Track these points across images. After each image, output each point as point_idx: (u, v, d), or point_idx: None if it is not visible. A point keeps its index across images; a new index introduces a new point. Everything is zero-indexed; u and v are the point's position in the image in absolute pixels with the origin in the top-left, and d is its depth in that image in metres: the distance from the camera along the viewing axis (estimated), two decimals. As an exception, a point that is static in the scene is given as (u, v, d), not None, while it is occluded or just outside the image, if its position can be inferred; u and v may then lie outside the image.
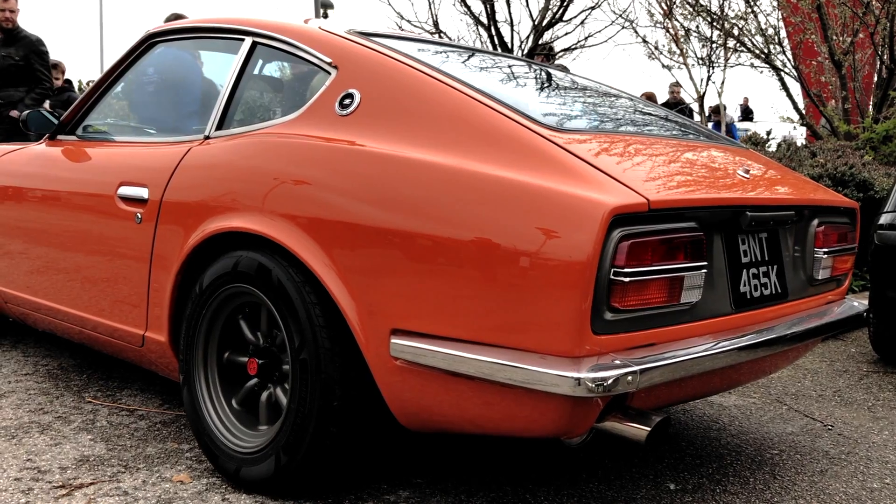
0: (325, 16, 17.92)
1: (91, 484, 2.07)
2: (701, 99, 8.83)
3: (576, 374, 1.53)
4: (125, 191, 2.37)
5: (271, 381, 2.09)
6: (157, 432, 2.47)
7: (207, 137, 2.30)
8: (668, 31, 8.99)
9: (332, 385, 1.88)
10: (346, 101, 2.05)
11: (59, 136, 2.91)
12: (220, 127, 2.30)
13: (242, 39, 2.39)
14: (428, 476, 2.21)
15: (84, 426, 2.50)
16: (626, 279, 1.57)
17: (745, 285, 1.97)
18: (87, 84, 17.24)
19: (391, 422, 1.93)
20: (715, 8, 8.70)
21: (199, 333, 2.17)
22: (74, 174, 2.68)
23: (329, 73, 2.14)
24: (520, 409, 1.70)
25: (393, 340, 1.77)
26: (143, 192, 2.31)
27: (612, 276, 1.56)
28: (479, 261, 1.67)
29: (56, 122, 2.93)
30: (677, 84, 9.18)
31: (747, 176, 2.09)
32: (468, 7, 8.57)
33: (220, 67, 2.81)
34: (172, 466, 2.20)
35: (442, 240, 1.72)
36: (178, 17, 6.76)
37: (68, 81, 6.18)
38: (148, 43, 2.71)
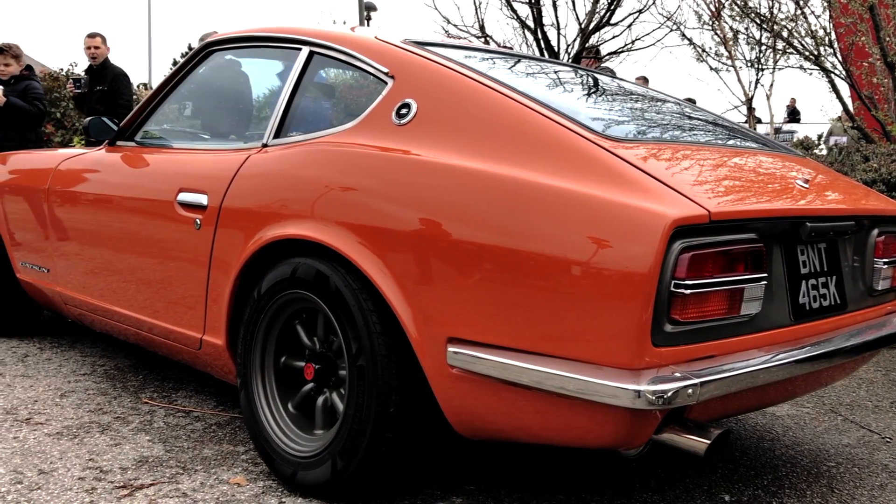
0: (369, 19, 18.03)
1: (151, 485, 2.12)
2: (749, 101, 8.71)
3: (636, 387, 1.53)
4: (185, 197, 2.42)
5: (327, 385, 2.12)
6: (212, 434, 2.52)
7: (265, 146, 2.34)
8: (716, 33, 8.88)
9: (389, 391, 1.90)
10: (403, 111, 2.07)
11: (119, 142, 2.98)
12: (277, 135, 2.34)
13: (299, 49, 2.43)
14: (481, 483, 2.22)
15: (142, 427, 2.56)
16: (687, 291, 1.57)
17: (804, 297, 1.95)
18: (139, 87, 17.58)
19: (445, 428, 1.95)
20: (764, 10, 8.58)
21: (256, 338, 2.21)
22: (134, 180, 2.75)
23: (386, 83, 2.16)
24: (576, 420, 1.70)
25: (450, 349, 1.78)
26: (202, 199, 2.36)
27: (672, 289, 1.56)
28: (536, 271, 1.67)
29: (116, 128, 3.00)
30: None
31: (805, 185, 2.07)
32: (514, 11, 8.56)
33: (270, 75, 2.86)
34: (229, 469, 2.24)
35: (498, 249, 1.72)
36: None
37: (29, 68, 6.17)
38: (206, 51, 2.76)
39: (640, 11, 8.32)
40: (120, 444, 2.40)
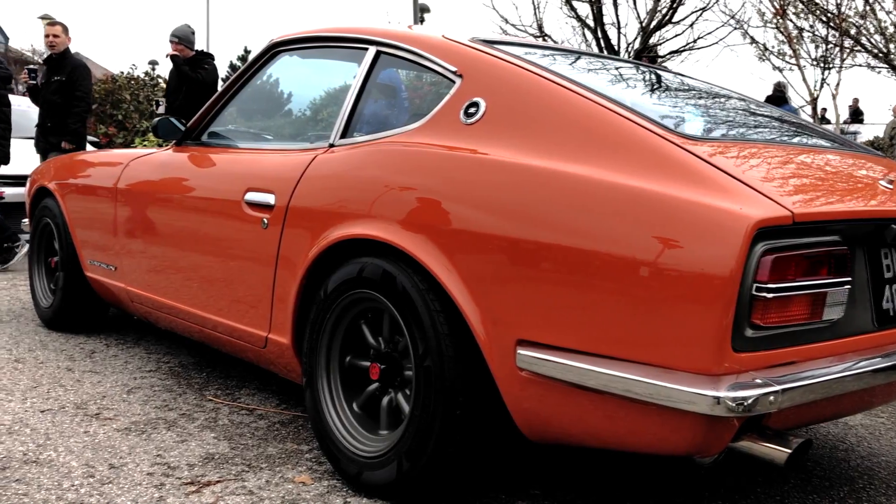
0: (422, 20, 18.09)
1: (218, 482, 2.13)
2: (814, 101, 8.48)
3: (714, 393, 1.48)
4: (252, 197, 2.44)
5: (392, 386, 2.11)
6: (276, 432, 2.53)
7: (332, 145, 2.34)
8: (780, 31, 8.67)
9: (456, 393, 1.88)
10: (472, 110, 2.05)
11: (186, 143, 3.02)
12: (344, 135, 2.34)
13: (366, 48, 2.43)
14: (546, 487, 2.19)
15: (207, 424, 2.58)
16: (769, 295, 1.52)
17: (887, 302, 1.87)
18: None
19: (512, 431, 1.92)
20: (831, 6, 8.35)
21: (322, 337, 2.21)
22: (201, 179, 2.78)
23: (453, 82, 2.14)
24: (648, 426, 1.66)
25: (519, 351, 1.76)
26: (269, 199, 2.37)
27: (754, 292, 1.51)
28: (609, 273, 1.64)
29: (183, 128, 3.04)
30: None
31: (890, 186, 1.99)
32: (574, 10, 8.48)
33: (337, 75, 2.87)
34: (294, 467, 2.25)
35: (568, 250, 1.69)
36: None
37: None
38: (272, 52, 2.78)
39: (703, 9, 8.18)
40: (186, 440, 2.43)
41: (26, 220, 4.19)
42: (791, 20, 8.60)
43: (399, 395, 2.09)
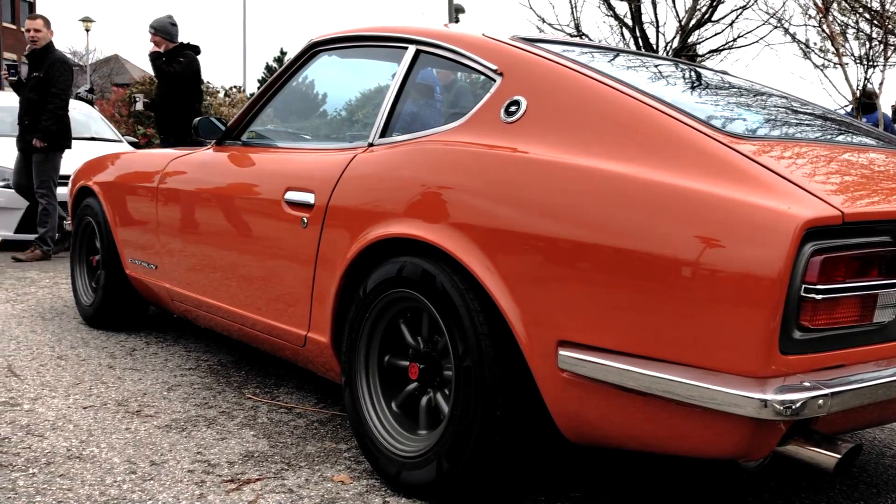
0: (457, 20, 18.09)
1: (258, 480, 2.14)
2: (857, 100, 8.33)
3: (762, 396, 1.45)
4: (292, 196, 2.45)
5: (431, 385, 2.11)
6: (314, 431, 2.54)
7: (371, 145, 2.34)
8: (823, 29, 8.52)
9: (496, 393, 1.87)
10: (513, 109, 2.04)
11: (226, 142, 3.04)
12: (383, 134, 2.34)
13: (406, 48, 2.43)
14: (586, 490, 2.17)
15: (246, 422, 2.60)
16: (818, 296, 1.48)
17: (939, 305, 1.82)
18: (232, 89, 18.12)
19: (553, 432, 1.90)
20: (875, 4, 8.19)
21: (361, 336, 2.21)
22: (241, 179, 2.80)
23: (494, 81, 2.13)
24: (691, 429, 1.63)
25: (561, 352, 1.74)
26: (309, 198, 2.38)
27: (802, 294, 1.48)
28: (652, 273, 1.62)
29: (223, 128, 3.07)
30: None
31: (940, 186, 1.94)
32: (612, 8, 8.41)
33: (376, 74, 2.87)
34: (332, 466, 2.25)
35: (612, 250, 1.67)
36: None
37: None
38: (311, 52, 2.79)
39: (744, 7, 8.06)
40: (226, 438, 2.45)
41: (68, 220, 4.25)
42: (834, 17, 8.44)
43: (438, 395, 2.08)
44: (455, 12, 18.00)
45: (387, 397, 2.20)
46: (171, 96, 6.12)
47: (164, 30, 6.20)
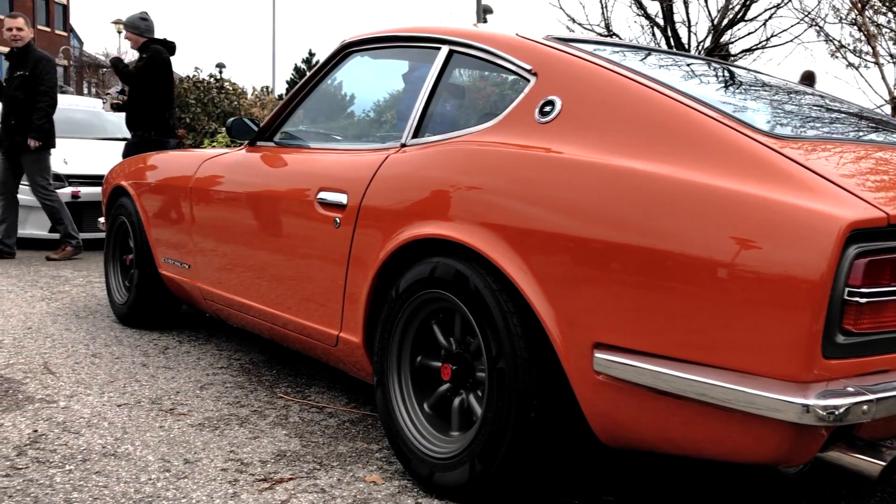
0: (485, 20, 18.08)
1: (290, 479, 2.15)
2: (894, 99, 8.18)
3: (804, 401, 1.43)
4: (325, 196, 2.45)
5: (464, 387, 2.10)
6: (346, 431, 2.54)
7: (404, 145, 2.34)
8: (859, 27, 8.39)
9: (530, 396, 1.85)
10: (547, 109, 2.02)
11: (259, 143, 3.06)
12: (416, 135, 2.33)
13: (439, 48, 2.42)
14: (620, 494, 2.14)
15: (278, 421, 2.61)
16: (862, 300, 1.45)
17: None
18: (262, 90, 18.22)
19: (587, 435, 1.89)
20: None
21: (393, 337, 2.21)
22: (274, 179, 2.81)
23: (528, 81, 2.12)
24: (729, 434, 1.61)
25: (596, 355, 1.72)
26: (342, 198, 2.38)
27: (845, 297, 1.45)
28: (690, 275, 1.59)
29: (256, 129, 3.08)
30: None
31: None
32: (643, 8, 8.36)
33: (408, 75, 2.87)
34: (364, 466, 2.25)
35: (649, 251, 1.65)
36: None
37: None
38: (343, 53, 2.79)
39: (778, 6, 7.95)
40: (258, 437, 2.45)
41: (102, 219, 4.30)
42: (869, 16, 8.30)
43: (471, 397, 2.07)
44: (483, 13, 17.98)
45: (419, 398, 2.20)
46: (138, 95, 6.12)
47: (132, 25, 6.21)
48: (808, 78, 8.01)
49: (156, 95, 6.10)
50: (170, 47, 6.25)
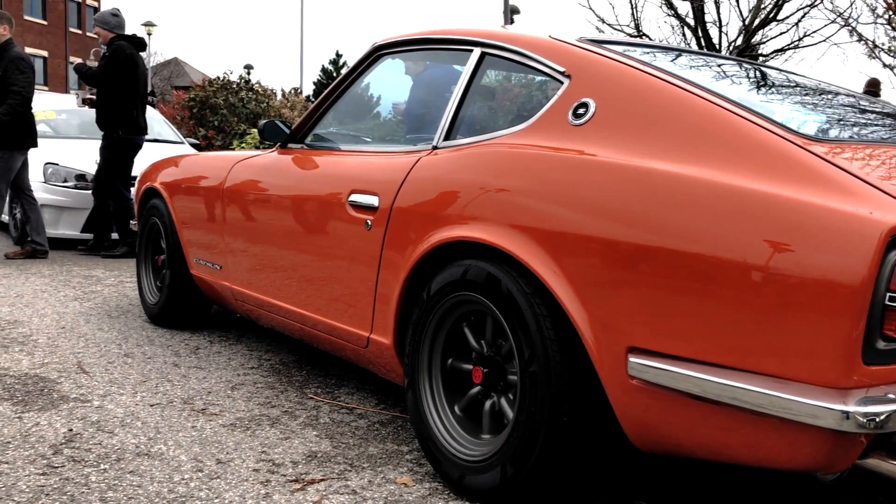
0: (512, 21, 18.06)
1: (321, 480, 2.16)
2: (929, 100, 8.05)
3: (843, 407, 1.41)
4: (356, 198, 2.46)
5: (495, 390, 2.09)
6: (376, 432, 2.55)
7: (436, 148, 2.34)
8: (893, 27, 8.27)
9: (562, 399, 1.85)
10: (581, 111, 2.01)
11: (290, 145, 3.08)
12: (448, 137, 2.33)
13: (471, 50, 2.42)
14: (653, 498, 2.13)
15: (309, 422, 2.62)
16: (904, 305, 1.43)
17: None
18: (291, 92, 18.34)
19: (620, 439, 1.88)
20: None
21: (424, 339, 2.21)
22: (306, 181, 2.82)
23: (561, 83, 2.11)
24: (765, 440, 1.59)
25: (631, 359, 1.71)
26: (373, 200, 2.38)
27: (887, 302, 1.43)
28: (725, 279, 1.58)
29: (288, 131, 3.10)
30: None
31: None
32: (674, 8, 8.30)
33: (440, 77, 2.87)
34: (395, 468, 2.26)
35: (684, 255, 1.64)
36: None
37: None
38: (375, 55, 2.80)
39: (811, 6, 7.86)
40: (289, 437, 2.47)
41: (133, 221, 4.35)
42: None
43: (502, 400, 2.07)
44: (510, 13, 17.96)
45: (450, 401, 2.20)
46: (103, 93, 6.13)
47: (103, 21, 6.24)
48: (874, 86, 7.89)
49: (121, 93, 6.09)
50: (137, 43, 6.26)
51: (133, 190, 4.71)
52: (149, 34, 31.88)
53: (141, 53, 6.38)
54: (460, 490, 2.07)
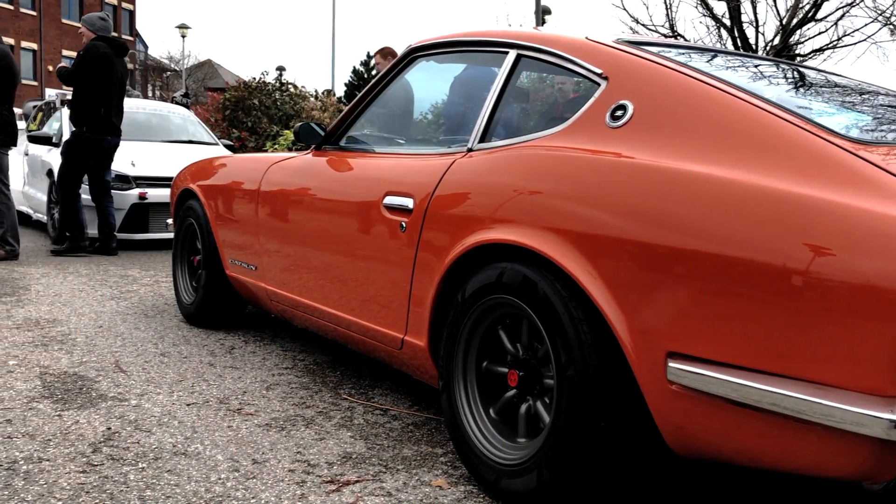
0: (544, 22, 17.99)
1: (357, 482, 2.16)
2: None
3: (891, 416, 1.38)
4: (391, 200, 2.46)
5: (531, 393, 2.08)
6: (410, 434, 2.55)
7: (471, 150, 2.34)
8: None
9: (600, 404, 1.83)
10: (618, 113, 2.00)
11: (325, 147, 3.09)
12: (483, 139, 2.33)
13: (506, 52, 2.41)
14: (689, 503, 2.11)
15: (343, 423, 2.63)
16: (953, 312, 1.40)
17: None
18: (324, 93, 18.43)
19: (658, 444, 1.86)
20: None
21: (459, 341, 2.21)
22: (341, 183, 2.83)
23: (598, 85, 2.10)
24: (808, 447, 1.56)
25: (670, 364, 1.69)
26: (408, 202, 2.39)
27: (934, 308, 1.40)
28: (767, 283, 1.55)
29: (322, 133, 3.11)
30: None
31: None
32: (709, 8, 8.21)
33: (475, 79, 2.86)
34: (429, 470, 2.26)
35: (723, 258, 1.62)
36: (389, 51, 6.87)
37: None
38: (410, 58, 2.80)
39: (851, 5, 7.72)
40: (324, 438, 2.48)
41: (170, 220, 4.39)
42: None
43: (538, 403, 2.06)
44: (542, 13, 17.90)
45: (485, 404, 2.19)
46: (75, 91, 6.19)
47: (89, 22, 6.32)
48: None
49: (91, 91, 6.13)
50: (116, 46, 6.32)
51: (167, 191, 4.76)
52: (183, 37, 32.21)
53: (125, 59, 6.48)
54: (496, 493, 2.07)
